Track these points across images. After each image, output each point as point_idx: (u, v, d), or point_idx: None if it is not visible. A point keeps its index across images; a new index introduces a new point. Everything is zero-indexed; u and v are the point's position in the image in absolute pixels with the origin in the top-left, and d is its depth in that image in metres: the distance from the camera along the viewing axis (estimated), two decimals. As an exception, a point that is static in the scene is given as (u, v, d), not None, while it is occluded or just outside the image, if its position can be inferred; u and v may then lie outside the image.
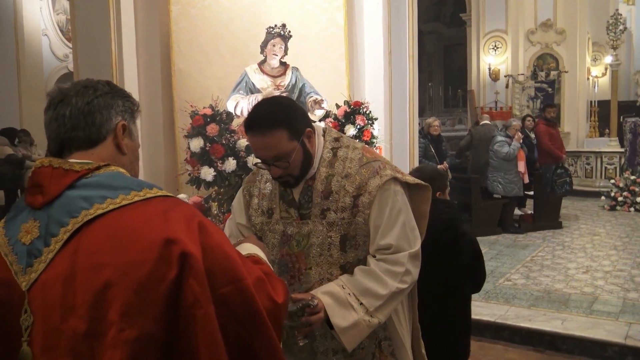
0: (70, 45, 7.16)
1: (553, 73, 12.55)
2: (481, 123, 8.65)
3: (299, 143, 1.64)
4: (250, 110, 1.68)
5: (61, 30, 10.61)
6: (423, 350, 1.94)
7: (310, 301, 1.56)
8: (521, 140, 7.60)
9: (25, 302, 1.03)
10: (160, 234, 1.00)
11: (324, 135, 1.78)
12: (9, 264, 1.07)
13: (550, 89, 12.18)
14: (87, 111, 1.13)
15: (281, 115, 1.62)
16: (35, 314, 1.02)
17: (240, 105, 4.04)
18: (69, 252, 1.02)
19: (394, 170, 1.73)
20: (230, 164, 3.79)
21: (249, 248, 1.42)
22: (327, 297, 1.60)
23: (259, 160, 1.70)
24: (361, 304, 1.61)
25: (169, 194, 1.11)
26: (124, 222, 1.02)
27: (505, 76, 13.02)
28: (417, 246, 1.70)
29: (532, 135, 8.34)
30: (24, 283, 1.04)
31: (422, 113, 13.80)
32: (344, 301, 1.60)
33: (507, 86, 12.96)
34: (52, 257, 1.03)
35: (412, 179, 1.76)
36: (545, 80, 12.37)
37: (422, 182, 1.80)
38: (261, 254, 1.40)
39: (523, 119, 8.50)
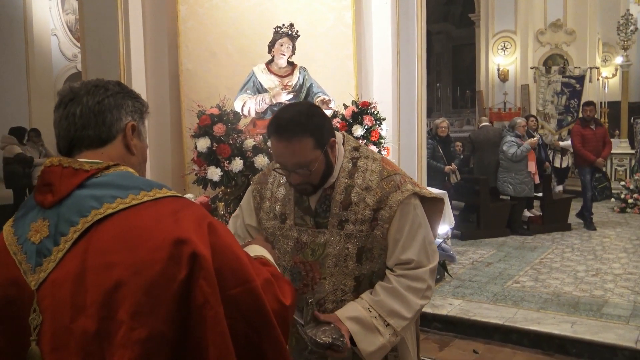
0: (79, 45, 7.19)
1: (582, 68, 11.76)
2: (480, 125, 8.60)
3: (322, 152, 1.62)
4: (276, 114, 1.65)
5: (70, 30, 10.67)
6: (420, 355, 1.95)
7: (340, 342, 1.54)
8: (536, 145, 7.55)
9: (34, 301, 1.03)
10: (170, 234, 1.00)
11: (343, 144, 1.76)
12: (18, 263, 1.07)
13: (578, 85, 11.22)
14: (98, 110, 1.14)
15: (310, 123, 1.59)
16: (44, 313, 1.02)
17: (248, 105, 4.02)
18: (79, 251, 1.02)
19: (413, 184, 1.72)
20: (237, 164, 3.77)
21: (256, 250, 1.42)
22: (353, 323, 1.60)
23: (277, 166, 1.67)
24: (387, 325, 1.62)
25: (178, 195, 1.11)
26: (134, 222, 1.02)
27: (531, 68, 12.58)
28: (435, 261, 1.70)
29: (537, 136, 8.27)
30: (33, 282, 1.04)
31: (430, 114, 13.74)
32: (370, 325, 1.61)
33: (534, 80, 12.45)
34: (62, 257, 1.03)
35: (428, 193, 1.75)
36: (574, 75, 11.51)
37: (437, 196, 1.80)
38: (268, 256, 1.40)
39: (527, 119, 8.42)
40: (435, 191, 5.45)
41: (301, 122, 1.58)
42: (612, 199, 9.75)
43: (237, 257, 1.09)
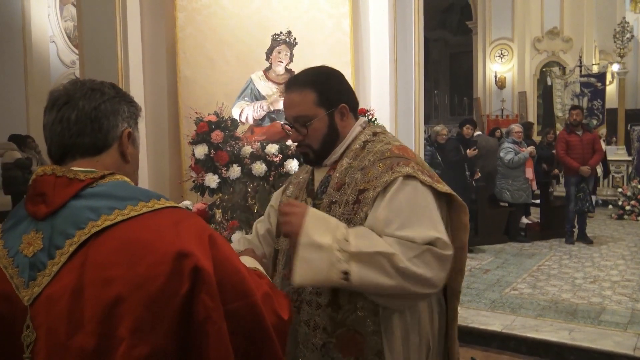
0: (77, 51, 7.19)
1: (601, 64, 10.54)
2: (476, 134, 8.62)
3: (326, 113, 1.53)
4: None
5: (69, 37, 10.68)
6: None
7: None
8: (535, 154, 7.57)
9: (27, 317, 0.99)
10: (172, 247, 0.97)
11: (364, 129, 1.63)
12: (9, 277, 1.02)
13: (599, 84, 9.85)
14: (94, 117, 1.09)
15: (316, 78, 1.55)
16: (39, 330, 0.98)
17: (245, 112, 4.03)
18: (76, 265, 0.98)
19: (421, 171, 1.46)
20: (235, 171, 3.77)
21: (248, 262, 1.39)
22: (314, 212, 1.40)
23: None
24: (347, 241, 1.34)
25: (176, 205, 1.08)
26: (133, 235, 0.99)
27: (542, 69, 12.04)
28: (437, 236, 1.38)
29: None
30: (27, 297, 1.00)
31: (427, 120, 13.76)
32: (330, 226, 1.37)
33: (547, 83, 11.45)
34: (57, 270, 0.98)
35: (444, 188, 1.47)
36: (593, 73, 10.12)
37: (456, 196, 1.51)
38: (261, 268, 1.38)
39: (524, 126, 8.44)
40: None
41: (308, 76, 1.56)
42: (610, 206, 9.72)
43: (237, 270, 1.06)
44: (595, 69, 10.55)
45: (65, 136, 1.09)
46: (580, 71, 10.37)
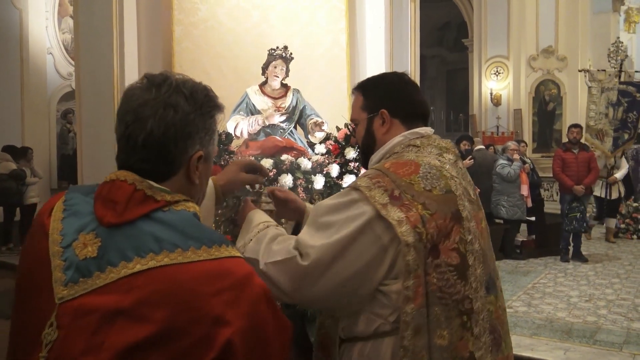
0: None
1: None
2: (476, 148, 8.62)
3: (367, 117, 1.53)
4: None
5: (66, 49, 10.70)
6: None
7: (265, 194, 1.67)
8: (519, 158, 7.63)
9: (53, 315, 0.94)
10: (213, 309, 0.93)
11: (410, 140, 1.50)
12: (52, 267, 0.97)
13: (638, 94, 8.86)
14: (162, 143, 1.02)
15: (368, 83, 1.59)
16: (61, 331, 0.93)
17: (240, 126, 4.02)
18: (121, 288, 0.93)
19: (383, 189, 1.30)
20: (229, 185, 3.75)
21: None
22: (250, 214, 1.57)
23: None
24: (251, 240, 1.45)
25: (236, 254, 1.01)
26: (184, 283, 0.94)
27: (579, 70, 10.83)
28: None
29: (528, 160, 8.33)
30: (59, 296, 0.95)
31: (423, 136, 13.81)
32: (249, 228, 1.50)
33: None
34: (101, 285, 0.94)
35: (389, 214, 1.26)
36: (633, 82, 9.14)
37: (396, 227, 1.25)
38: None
39: (518, 143, 8.47)
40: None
41: (364, 80, 1.61)
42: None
43: (268, 347, 1.00)
44: (637, 77, 9.57)
45: (131, 159, 1.04)
46: (620, 77, 9.05)
